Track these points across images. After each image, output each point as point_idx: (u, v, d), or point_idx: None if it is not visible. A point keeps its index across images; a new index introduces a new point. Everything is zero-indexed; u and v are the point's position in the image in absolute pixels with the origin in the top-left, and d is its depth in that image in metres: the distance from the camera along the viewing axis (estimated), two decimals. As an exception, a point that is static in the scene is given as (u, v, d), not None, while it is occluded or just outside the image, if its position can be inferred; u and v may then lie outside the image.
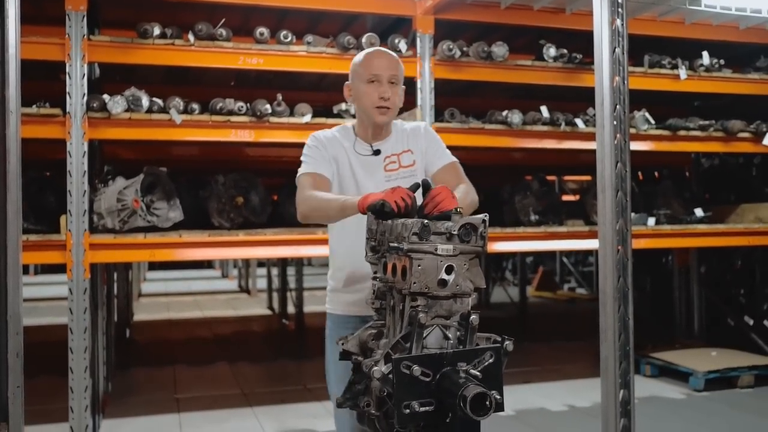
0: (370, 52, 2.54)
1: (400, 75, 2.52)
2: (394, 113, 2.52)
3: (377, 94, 2.46)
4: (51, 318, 10.16)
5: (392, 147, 2.57)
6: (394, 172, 2.53)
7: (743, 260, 7.24)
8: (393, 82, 2.48)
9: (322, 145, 2.53)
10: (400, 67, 2.53)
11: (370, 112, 2.49)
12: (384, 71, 2.47)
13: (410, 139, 2.59)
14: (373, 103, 2.47)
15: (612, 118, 2.80)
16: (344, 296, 2.57)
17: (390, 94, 2.46)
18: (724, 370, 5.57)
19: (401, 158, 2.55)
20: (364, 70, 2.49)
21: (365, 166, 2.53)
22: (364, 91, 2.49)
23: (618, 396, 2.82)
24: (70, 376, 4.20)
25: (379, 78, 2.46)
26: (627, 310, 2.81)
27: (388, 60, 2.50)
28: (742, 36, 5.57)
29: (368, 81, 2.47)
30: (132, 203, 4.40)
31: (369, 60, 2.50)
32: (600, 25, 2.85)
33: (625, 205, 2.80)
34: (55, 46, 4.27)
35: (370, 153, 2.54)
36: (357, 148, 2.55)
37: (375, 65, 2.48)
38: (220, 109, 4.53)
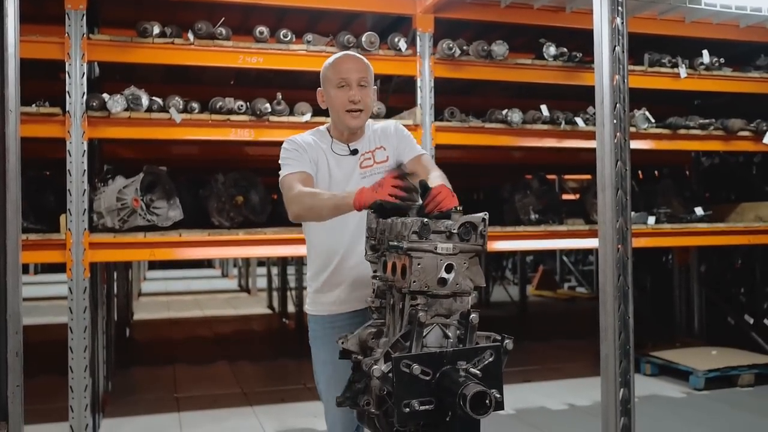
0: (338, 57, 2.57)
1: (369, 77, 2.54)
2: (366, 115, 2.55)
3: (347, 97, 2.48)
4: (51, 317, 10.16)
5: (366, 145, 2.61)
6: (368, 169, 2.56)
7: (743, 259, 7.24)
8: (363, 85, 2.50)
9: (301, 149, 2.54)
10: (369, 70, 2.55)
11: (342, 116, 2.51)
12: (352, 74, 2.49)
13: (381, 137, 2.62)
14: (344, 107, 2.49)
15: (612, 117, 2.80)
16: (325, 297, 2.57)
17: (360, 96, 2.48)
18: (725, 368, 5.57)
19: (375, 154, 2.58)
20: (333, 75, 2.52)
21: (342, 165, 2.55)
22: (334, 95, 2.52)
23: (618, 395, 2.82)
24: (70, 375, 4.19)
25: (347, 81, 2.49)
26: (627, 309, 2.81)
27: (355, 63, 2.53)
28: (742, 34, 5.56)
29: (338, 86, 2.50)
30: (132, 202, 4.40)
31: (337, 65, 2.53)
32: (600, 23, 2.85)
33: (625, 203, 2.80)
34: (55, 45, 4.26)
35: (348, 153, 2.57)
36: (334, 149, 2.57)
37: (343, 69, 2.51)
38: (220, 108, 4.53)
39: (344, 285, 2.52)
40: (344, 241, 2.47)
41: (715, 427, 4.64)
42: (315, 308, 2.61)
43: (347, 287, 2.51)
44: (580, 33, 4.93)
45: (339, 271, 2.51)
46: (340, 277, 2.52)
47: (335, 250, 2.51)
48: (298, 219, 2.46)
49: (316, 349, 2.61)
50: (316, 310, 2.60)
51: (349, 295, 2.50)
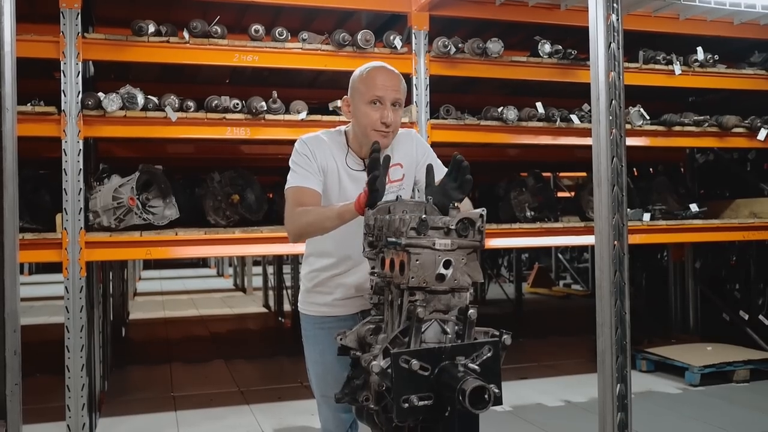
0: (374, 69, 2.37)
1: (403, 97, 2.38)
2: (393, 136, 2.39)
3: (379, 117, 2.32)
4: (46, 317, 10.14)
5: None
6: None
7: (738, 255, 7.27)
8: (396, 105, 2.35)
9: (311, 154, 2.39)
10: (404, 89, 2.39)
11: (369, 135, 2.34)
12: (388, 93, 2.32)
13: (399, 152, 2.46)
14: (374, 126, 2.33)
15: (608, 113, 2.81)
16: (319, 297, 2.54)
17: (393, 118, 2.33)
18: (720, 364, 5.60)
19: (390, 173, 2.35)
20: (366, 89, 2.34)
21: (354, 180, 2.42)
22: (364, 112, 2.34)
23: (615, 390, 2.83)
24: (67, 374, 4.19)
25: (382, 100, 2.32)
26: (623, 305, 2.82)
27: (392, 81, 2.35)
28: (736, 31, 5.58)
29: (370, 101, 2.33)
30: (128, 201, 4.40)
31: (372, 79, 2.34)
32: (595, 20, 2.86)
33: (621, 199, 2.81)
34: (50, 44, 4.25)
35: (362, 169, 2.42)
36: (349, 162, 2.43)
37: (379, 86, 2.33)
38: (216, 107, 4.52)
39: (342, 289, 2.48)
40: (357, 247, 2.27)
41: (711, 422, 4.66)
42: (306, 308, 2.58)
43: (344, 292, 2.48)
44: (575, 30, 4.95)
45: (342, 276, 2.47)
46: (339, 281, 2.48)
47: (349, 255, 2.42)
48: (298, 239, 2.37)
49: (307, 348, 2.59)
50: (306, 310, 2.58)
51: (345, 300, 2.48)
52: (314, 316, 2.54)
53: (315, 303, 2.55)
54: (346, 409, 2.39)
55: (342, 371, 2.05)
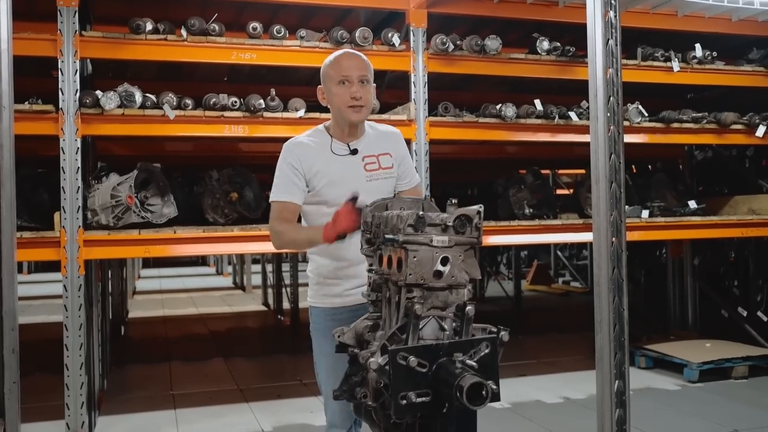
0: (339, 55, 2.60)
1: (369, 75, 2.58)
2: (367, 111, 2.58)
3: (348, 94, 2.52)
4: (45, 316, 10.14)
5: (369, 147, 2.62)
6: (374, 173, 2.59)
7: (737, 252, 7.28)
8: (363, 82, 2.54)
9: (296, 160, 2.56)
10: (370, 67, 2.59)
11: (344, 111, 2.54)
12: (353, 71, 2.53)
13: (387, 141, 2.66)
14: (346, 103, 2.53)
15: (606, 110, 2.81)
16: (330, 289, 2.61)
17: (361, 93, 2.53)
18: (718, 361, 5.60)
19: (380, 160, 2.61)
20: (334, 72, 2.55)
21: (345, 166, 2.57)
22: (335, 92, 2.55)
23: (613, 386, 2.84)
24: (66, 372, 4.19)
25: (349, 78, 2.53)
26: (622, 301, 2.82)
27: (356, 61, 2.57)
28: (734, 28, 5.58)
29: (339, 82, 2.54)
30: (126, 199, 4.39)
31: (338, 62, 2.57)
32: (593, 17, 2.86)
33: (619, 196, 2.81)
34: (47, 42, 4.25)
35: (348, 152, 2.60)
36: (334, 149, 2.59)
37: (344, 66, 2.54)
38: (214, 105, 4.52)
39: (352, 279, 2.55)
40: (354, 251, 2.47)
41: (710, 418, 4.67)
42: (317, 300, 2.64)
43: (355, 282, 2.54)
44: (573, 27, 4.95)
45: (349, 268, 2.55)
46: (351, 271, 2.55)
47: (348, 258, 2.54)
48: (279, 249, 2.56)
49: (317, 341, 2.64)
50: (317, 302, 2.64)
51: (356, 289, 2.53)
52: (326, 308, 2.61)
53: (326, 295, 2.62)
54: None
55: None
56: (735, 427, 4.48)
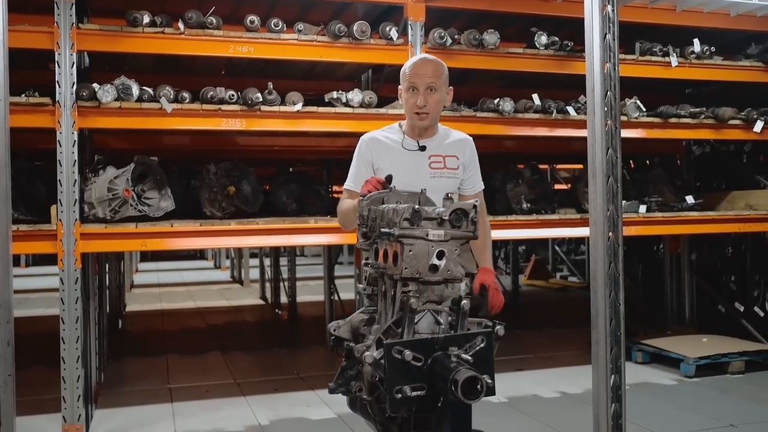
0: (413, 61, 2.71)
1: (439, 81, 2.67)
2: (433, 116, 2.70)
3: (414, 102, 2.66)
4: (43, 309, 10.14)
5: (437, 148, 2.74)
6: (438, 171, 2.71)
7: (734, 247, 7.28)
8: (431, 89, 2.65)
9: (367, 153, 2.73)
10: (440, 72, 2.69)
11: (411, 116, 2.70)
12: (421, 80, 2.64)
13: (457, 147, 2.78)
14: (412, 110, 2.68)
15: (603, 104, 2.80)
16: None
17: (425, 102, 2.64)
18: (715, 356, 5.61)
19: (446, 160, 2.73)
20: (405, 78, 2.69)
21: (411, 162, 2.69)
22: (405, 98, 2.71)
23: (609, 381, 2.84)
24: (62, 366, 4.18)
25: (416, 86, 2.65)
26: (618, 296, 2.82)
27: (425, 68, 2.67)
28: (732, 23, 5.57)
29: (408, 89, 2.68)
30: (123, 193, 4.39)
31: (409, 69, 2.69)
32: (591, 11, 2.85)
33: (616, 190, 2.81)
34: (44, 35, 4.23)
35: (417, 148, 2.72)
36: (405, 145, 2.72)
37: (413, 74, 2.66)
38: (211, 98, 4.51)
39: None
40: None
41: (706, 413, 4.68)
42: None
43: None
44: (572, 22, 4.93)
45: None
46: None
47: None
48: (344, 228, 2.76)
49: None
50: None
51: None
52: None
53: None
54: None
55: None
56: (731, 421, 4.49)
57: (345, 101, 4.77)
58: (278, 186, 5.93)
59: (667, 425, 4.45)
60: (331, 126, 4.80)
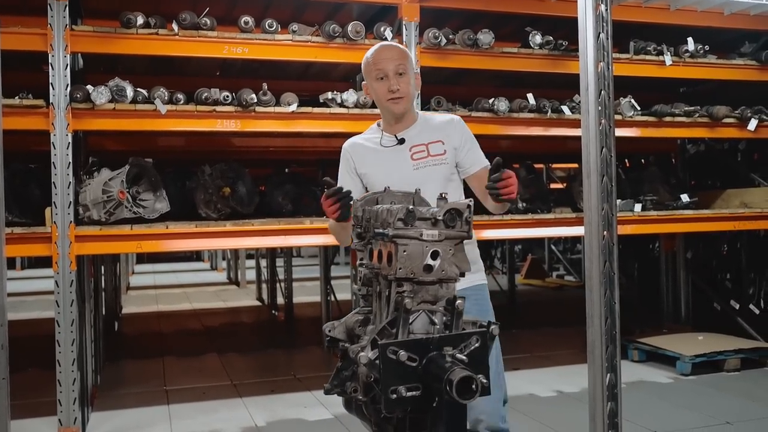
0: (374, 50, 2.63)
1: (407, 63, 2.60)
2: (408, 101, 2.61)
3: (386, 88, 2.57)
4: (39, 312, 10.12)
5: (418, 137, 2.65)
6: (421, 161, 2.62)
7: (729, 245, 7.30)
8: (401, 73, 2.57)
9: (349, 159, 2.68)
10: (406, 56, 2.61)
11: (385, 105, 2.60)
12: (388, 64, 2.56)
13: (440, 130, 2.67)
14: (385, 97, 2.59)
15: (597, 104, 2.81)
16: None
17: (398, 85, 2.56)
18: (711, 354, 5.62)
19: (430, 147, 2.63)
20: (370, 68, 2.61)
21: (392, 158, 2.62)
22: (375, 88, 2.62)
23: (605, 380, 2.84)
24: (58, 368, 4.18)
25: (385, 72, 2.57)
26: (613, 295, 2.82)
27: (390, 52, 2.59)
28: (726, 22, 5.58)
29: (377, 78, 2.59)
30: (118, 195, 4.38)
31: (373, 57, 2.61)
32: (584, 10, 2.85)
33: (611, 190, 2.81)
34: (37, 37, 4.22)
35: (395, 143, 2.65)
36: (383, 142, 2.66)
37: (379, 61, 2.58)
38: (206, 99, 4.50)
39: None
40: None
41: (702, 411, 4.69)
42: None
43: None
44: (566, 21, 4.94)
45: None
46: None
47: None
48: (341, 245, 2.77)
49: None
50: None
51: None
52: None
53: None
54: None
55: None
56: (727, 419, 4.50)
57: (340, 102, 4.77)
58: (274, 187, 5.92)
59: (664, 423, 4.45)
60: (326, 126, 4.80)
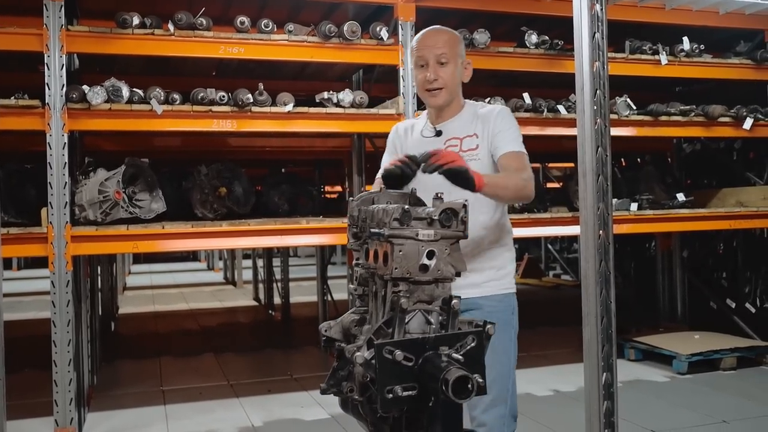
0: (420, 34, 2.46)
1: (451, 51, 2.43)
2: (449, 92, 2.45)
3: (423, 77, 2.42)
4: (35, 312, 10.10)
5: (457, 129, 2.50)
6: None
7: (725, 244, 7.31)
8: (443, 62, 2.41)
9: (391, 143, 2.61)
10: (451, 43, 2.44)
11: (422, 95, 2.46)
12: (429, 51, 2.41)
13: (480, 122, 2.49)
14: (422, 87, 2.44)
15: (592, 103, 2.81)
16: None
17: (436, 75, 2.40)
18: (707, 352, 5.63)
19: (463, 142, 2.47)
20: (413, 55, 2.46)
21: (423, 144, 2.47)
22: (414, 76, 2.48)
23: (601, 379, 2.84)
24: (54, 369, 4.17)
25: (425, 60, 2.42)
26: (609, 294, 2.83)
27: (433, 39, 2.43)
28: (722, 21, 5.60)
29: (417, 65, 2.44)
30: (114, 195, 4.38)
31: (417, 43, 2.45)
32: (579, 10, 2.86)
33: (606, 189, 2.81)
34: (33, 37, 4.21)
35: (433, 134, 2.51)
36: (424, 132, 2.54)
37: (420, 47, 2.43)
38: (202, 99, 4.50)
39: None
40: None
41: (698, 409, 4.70)
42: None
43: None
44: (562, 21, 4.93)
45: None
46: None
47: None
48: None
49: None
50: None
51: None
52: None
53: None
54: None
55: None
56: (723, 418, 4.51)
57: (336, 101, 4.77)
58: (270, 187, 5.93)
59: (660, 422, 4.46)
60: (323, 126, 4.80)
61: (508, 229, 2.63)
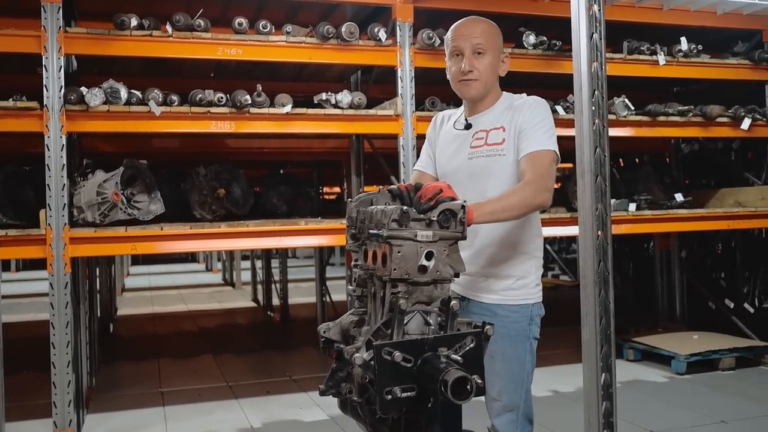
0: (457, 23, 2.38)
1: (490, 42, 2.35)
2: (483, 84, 2.36)
3: (458, 67, 2.34)
4: (34, 314, 10.10)
5: (486, 122, 2.41)
6: (477, 149, 2.37)
7: (723, 244, 7.32)
8: (479, 52, 2.33)
9: (431, 133, 2.53)
10: (488, 33, 2.36)
11: (455, 86, 2.38)
12: (465, 41, 2.33)
13: (509, 115, 2.39)
14: (456, 78, 2.37)
15: (590, 104, 2.80)
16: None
17: (471, 66, 2.32)
18: (706, 353, 5.64)
19: (489, 135, 2.37)
20: (448, 42, 2.38)
21: (458, 142, 2.43)
22: (448, 66, 2.40)
23: (600, 379, 2.84)
24: (53, 371, 4.17)
25: (460, 49, 2.34)
26: (608, 294, 2.82)
27: (471, 28, 2.36)
28: (719, 21, 5.61)
29: (452, 55, 2.37)
30: (112, 196, 4.37)
31: (453, 32, 2.37)
32: (577, 10, 2.85)
33: (604, 189, 2.80)
34: (31, 39, 4.21)
35: (463, 127, 2.44)
36: (456, 125, 2.47)
37: (456, 36, 2.35)
38: (200, 101, 4.50)
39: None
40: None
41: (697, 409, 4.70)
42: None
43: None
44: (560, 21, 4.94)
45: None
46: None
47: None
48: None
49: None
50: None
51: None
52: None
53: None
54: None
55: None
56: (722, 418, 4.52)
57: (334, 102, 4.77)
58: (268, 188, 5.93)
59: (659, 422, 4.46)
60: (321, 127, 4.80)
61: (534, 235, 2.50)
